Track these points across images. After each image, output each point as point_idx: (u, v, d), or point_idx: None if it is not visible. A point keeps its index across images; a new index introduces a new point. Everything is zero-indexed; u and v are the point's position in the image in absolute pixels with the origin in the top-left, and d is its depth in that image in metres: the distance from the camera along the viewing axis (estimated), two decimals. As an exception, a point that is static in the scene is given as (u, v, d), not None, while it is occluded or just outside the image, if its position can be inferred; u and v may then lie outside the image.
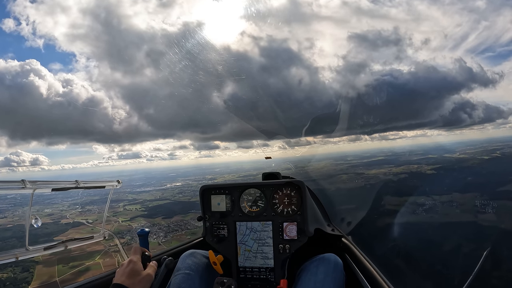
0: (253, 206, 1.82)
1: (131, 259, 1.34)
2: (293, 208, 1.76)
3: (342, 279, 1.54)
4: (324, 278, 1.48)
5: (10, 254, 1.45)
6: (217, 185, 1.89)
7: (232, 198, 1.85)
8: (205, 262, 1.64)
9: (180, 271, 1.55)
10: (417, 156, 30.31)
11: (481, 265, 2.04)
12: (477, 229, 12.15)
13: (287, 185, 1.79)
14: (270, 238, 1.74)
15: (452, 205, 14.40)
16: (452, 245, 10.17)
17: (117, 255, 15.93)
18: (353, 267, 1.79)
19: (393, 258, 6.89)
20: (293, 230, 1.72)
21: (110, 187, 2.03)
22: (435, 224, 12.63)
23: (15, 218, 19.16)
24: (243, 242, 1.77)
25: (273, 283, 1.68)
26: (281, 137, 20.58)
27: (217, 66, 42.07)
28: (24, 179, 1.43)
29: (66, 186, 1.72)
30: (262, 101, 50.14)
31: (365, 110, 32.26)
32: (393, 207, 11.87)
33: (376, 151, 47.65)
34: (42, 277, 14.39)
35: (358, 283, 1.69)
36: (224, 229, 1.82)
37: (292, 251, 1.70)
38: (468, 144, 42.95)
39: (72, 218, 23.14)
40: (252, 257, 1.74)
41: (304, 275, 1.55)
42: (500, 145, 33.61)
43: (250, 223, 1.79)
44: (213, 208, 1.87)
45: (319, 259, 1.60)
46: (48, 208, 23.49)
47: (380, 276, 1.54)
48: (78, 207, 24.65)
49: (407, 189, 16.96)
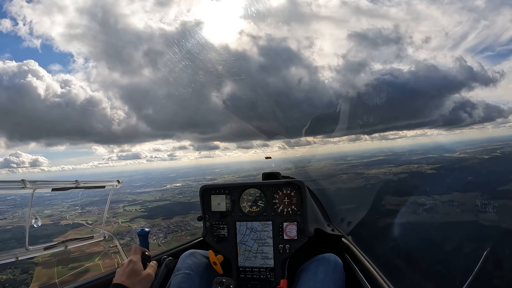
0: (253, 206, 1.82)
1: (131, 259, 1.34)
2: (293, 208, 1.76)
3: (342, 279, 1.54)
4: (324, 278, 1.48)
5: (10, 254, 1.45)
6: (217, 185, 1.89)
7: (232, 198, 1.85)
8: (205, 262, 1.64)
9: (180, 271, 1.55)
10: (417, 155, 30.33)
11: (482, 265, 2.04)
12: (478, 228, 12.14)
13: (287, 185, 1.80)
14: (270, 238, 1.74)
15: (453, 205, 14.39)
16: (452, 245, 10.17)
17: (117, 256, 15.88)
18: (353, 267, 1.79)
19: (393, 258, 6.89)
20: (293, 230, 1.72)
21: (110, 187, 2.03)
22: (435, 224, 12.62)
23: (14, 220, 19.15)
24: (243, 242, 1.77)
25: (273, 283, 1.68)
26: (281, 137, 20.58)
27: (217, 66, 42.20)
28: (24, 179, 1.43)
29: (66, 186, 1.72)
30: (261, 101, 50.22)
31: (365, 109, 32.32)
32: (393, 207, 11.87)
33: (376, 151, 47.66)
34: (41, 279, 14.36)
35: (358, 283, 1.68)
36: (224, 229, 1.82)
37: (292, 251, 1.70)
38: (468, 144, 42.98)
39: (72, 219, 23.12)
40: (252, 257, 1.74)
41: (304, 275, 1.55)
42: (500, 144, 33.61)
43: (250, 223, 1.79)
44: (213, 208, 1.87)
45: (319, 259, 1.60)
46: (48, 209, 23.46)
47: (380, 276, 1.54)
48: (78, 208, 24.62)
49: (408, 189, 16.95)
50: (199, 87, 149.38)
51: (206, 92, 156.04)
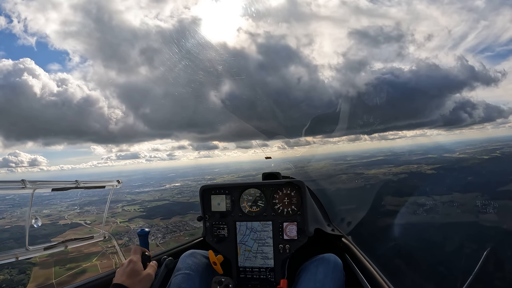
0: (253, 206, 1.82)
1: (131, 259, 1.34)
2: (293, 208, 1.76)
3: (342, 279, 1.54)
4: (324, 278, 1.48)
5: (10, 254, 1.44)
6: (217, 185, 1.89)
7: (232, 198, 1.85)
8: (205, 262, 1.64)
9: (180, 271, 1.55)
10: (417, 155, 30.39)
11: (482, 266, 2.05)
12: (478, 229, 12.14)
13: (287, 185, 1.80)
14: (270, 238, 1.74)
15: (453, 205, 14.41)
16: (452, 245, 10.18)
17: (115, 256, 15.83)
18: (353, 267, 1.79)
19: (393, 258, 6.89)
20: (293, 230, 1.72)
21: (110, 187, 2.03)
22: (435, 224, 12.64)
23: (13, 219, 19.09)
24: (243, 242, 1.77)
25: (273, 283, 1.68)
26: (280, 137, 20.57)
27: (216, 65, 42.15)
28: (24, 179, 1.43)
29: (66, 186, 1.71)
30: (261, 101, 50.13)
31: (365, 109, 32.32)
32: (393, 207, 11.89)
33: (376, 151, 47.74)
34: (38, 279, 14.30)
35: (358, 283, 1.69)
36: (224, 229, 1.82)
37: (292, 251, 1.70)
38: (468, 144, 43.08)
39: (70, 219, 23.04)
40: (252, 257, 1.74)
41: (304, 275, 1.55)
42: (499, 144, 33.72)
43: (250, 223, 1.79)
44: (213, 208, 1.87)
45: (319, 259, 1.60)
46: (46, 209, 23.39)
47: (380, 276, 1.54)
48: (77, 208, 24.55)
49: (407, 189, 16.97)
50: (197, 86, 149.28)
51: (204, 91, 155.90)
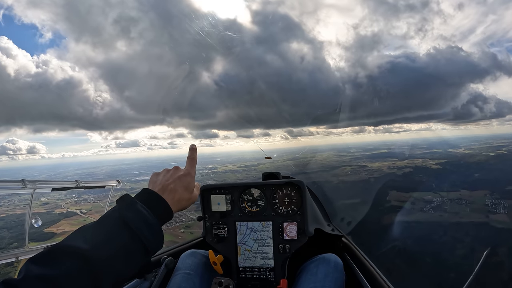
0: (253, 206, 1.82)
1: (189, 172, 0.99)
2: (293, 208, 1.76)
3: (342, 279, 1.54)
4: (324, 278, 1.48)
5: (10, 254, 1.44)
6: (217, 185, 1.89)
7: (232, 198, 1.85)
8: (205, 262, 1.64)
9: (180, 271, 1.55)
10: (421, 150, 30.15)
11: (482, 266, 2.04)
12: (489, 231, 12.09)
13: (287, 185, 1.79)
14: (270, 238, 1.74)
15: (461, 203, 14.33)
16: (452, 245, 10.17)
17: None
18: (353, 267, 1.78)
19: (393, 258, 6.89)
20: (293, 230, 1.72)
21: (110, 186, 2.03)
22: (444, 223, 12.61)
23: (12, 219, 19.07)
24: (243, 242, 1.77)
25: (273, 283, 1.68)
26: (282, 126, 20.43)
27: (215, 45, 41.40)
28: (24, 179, 1.43)
29: (66, 186, 1.71)
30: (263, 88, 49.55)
31: (375, 97, 32.20)
32: (398, 203, 11.89)
33: (379, 143, 47.65)
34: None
35: (358, 283, 1.68)
36: (224, 229, 1.82)
37: (292, 251, 1.70)
38: (473, 140, 42.85)
39: (67, 208, 22.96)
40: (252, 257, 1.74)
41: (304, 275, 1.54)
42: (505, 142, 33.33)
43: (250, 223, 1.79)
44: (213, 208, 1.86)
45: (319, 259, 1.60)
46: (44, 197, 22.92)
47: (380, 276, 1.54)
48: (75, 195, 24.45)
49: (412, 184, 16.86)
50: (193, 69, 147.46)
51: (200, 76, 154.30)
